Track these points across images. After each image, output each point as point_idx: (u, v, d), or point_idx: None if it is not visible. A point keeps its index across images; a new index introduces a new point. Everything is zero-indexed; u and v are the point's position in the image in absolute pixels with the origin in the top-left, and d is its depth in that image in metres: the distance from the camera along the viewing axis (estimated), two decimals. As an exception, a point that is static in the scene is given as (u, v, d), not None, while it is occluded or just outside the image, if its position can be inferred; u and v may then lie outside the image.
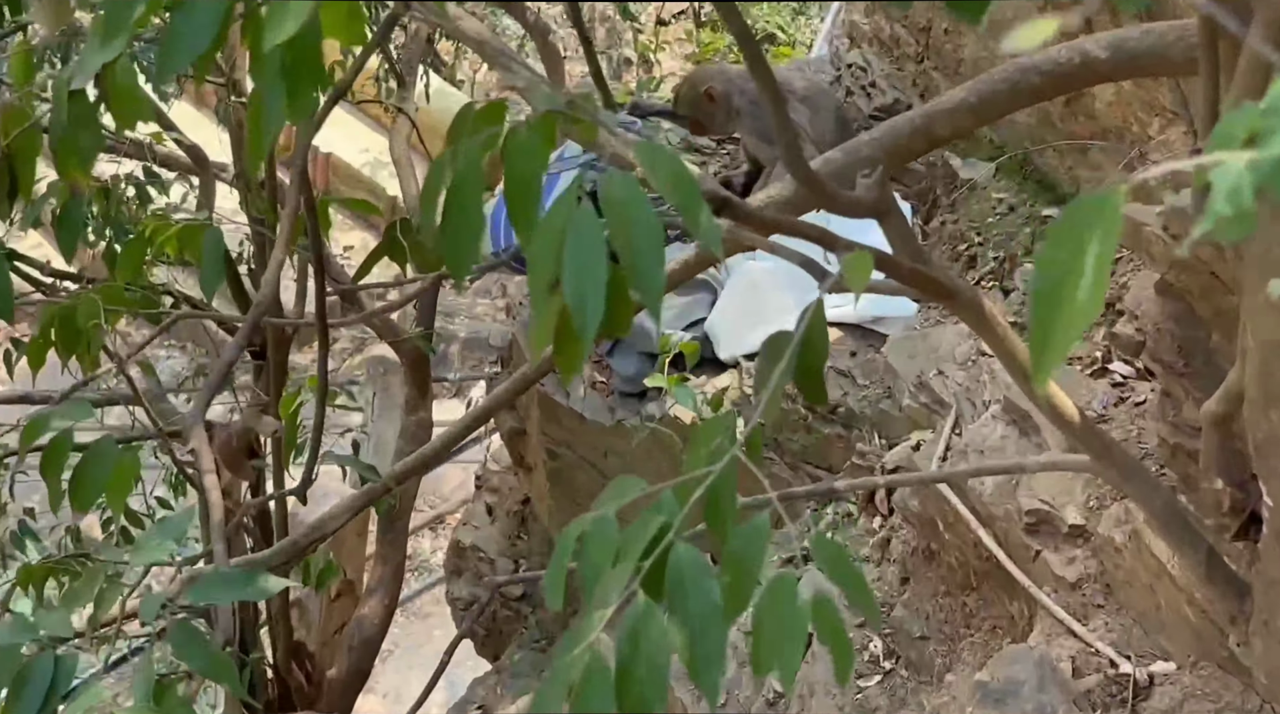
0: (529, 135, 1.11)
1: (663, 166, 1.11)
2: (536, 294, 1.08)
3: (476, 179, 1.11)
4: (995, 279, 4.21)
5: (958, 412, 3.59)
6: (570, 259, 1.05)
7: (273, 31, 0.94)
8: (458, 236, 1.11)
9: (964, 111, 2.00)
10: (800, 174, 1.35)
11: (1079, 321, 0.76)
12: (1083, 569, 2.97)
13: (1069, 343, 0.77)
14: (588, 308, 1.04)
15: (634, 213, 1.07)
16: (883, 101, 4.91)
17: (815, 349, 1.24)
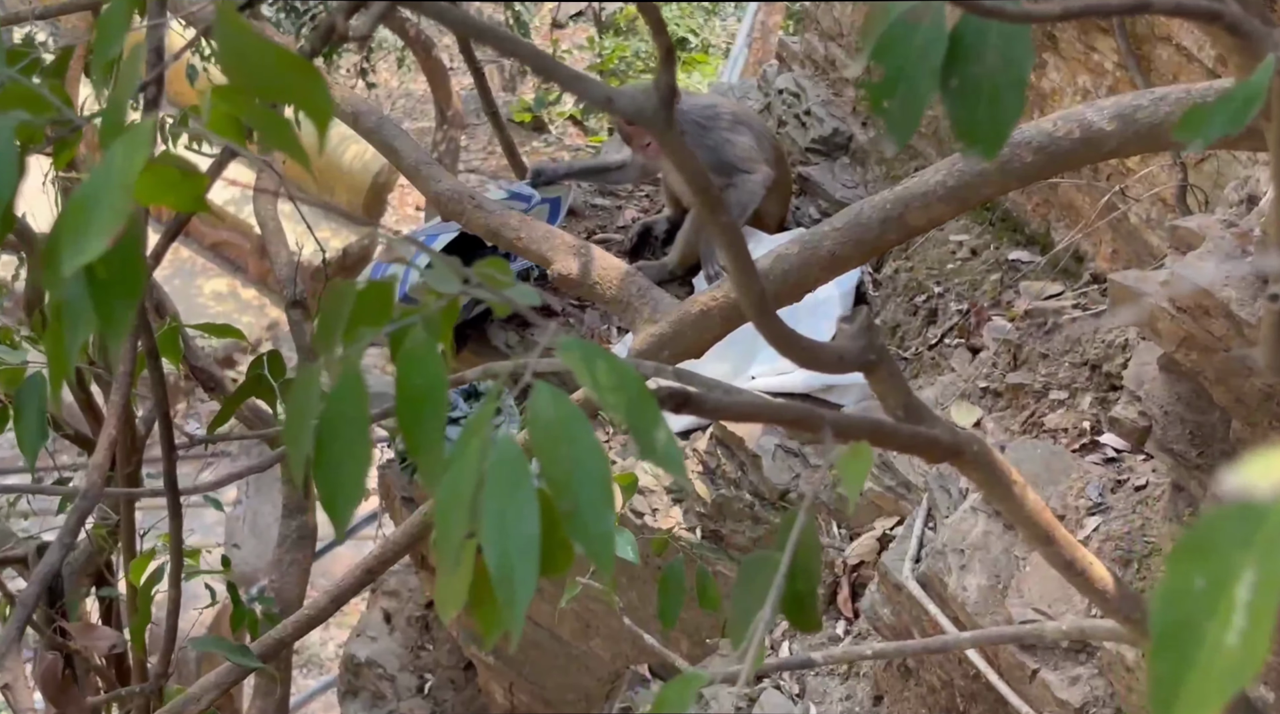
0: (427, 339, 0.94)
1: (603, 368, 0.94)
2: (444, 550, 0.91)
3: (358, 401, 0.93)
4: (960, 336, 4.10)
5: (930, 501, 3.45)
6: (491, 511, 0.88)
7: (72, 254, 0.77)
8: (337, 475, 0.93)
9: (941, 196, 1.87)
10: (771, 329, 1.19)
11: (1227, 680, 0.60)
12: (1088, 691, 2.85)
13: (1209, 707, 0.61)
14: (516, 579, 0.87)
15: (572, 441, 0.91)
16: (820, 132, 4.80)
17: (807, 574, 1.08)
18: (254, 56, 0.82)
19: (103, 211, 0.78)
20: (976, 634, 1.87)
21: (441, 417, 0.95)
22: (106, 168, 0.79)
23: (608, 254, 2.21)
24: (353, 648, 5.26)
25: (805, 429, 1.14)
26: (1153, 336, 2.58)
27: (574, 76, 1.06)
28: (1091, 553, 2.90)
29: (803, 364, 1.26)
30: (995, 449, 1.41)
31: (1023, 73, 0.99)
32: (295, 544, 4.35)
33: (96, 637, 2.01)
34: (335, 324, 1.00)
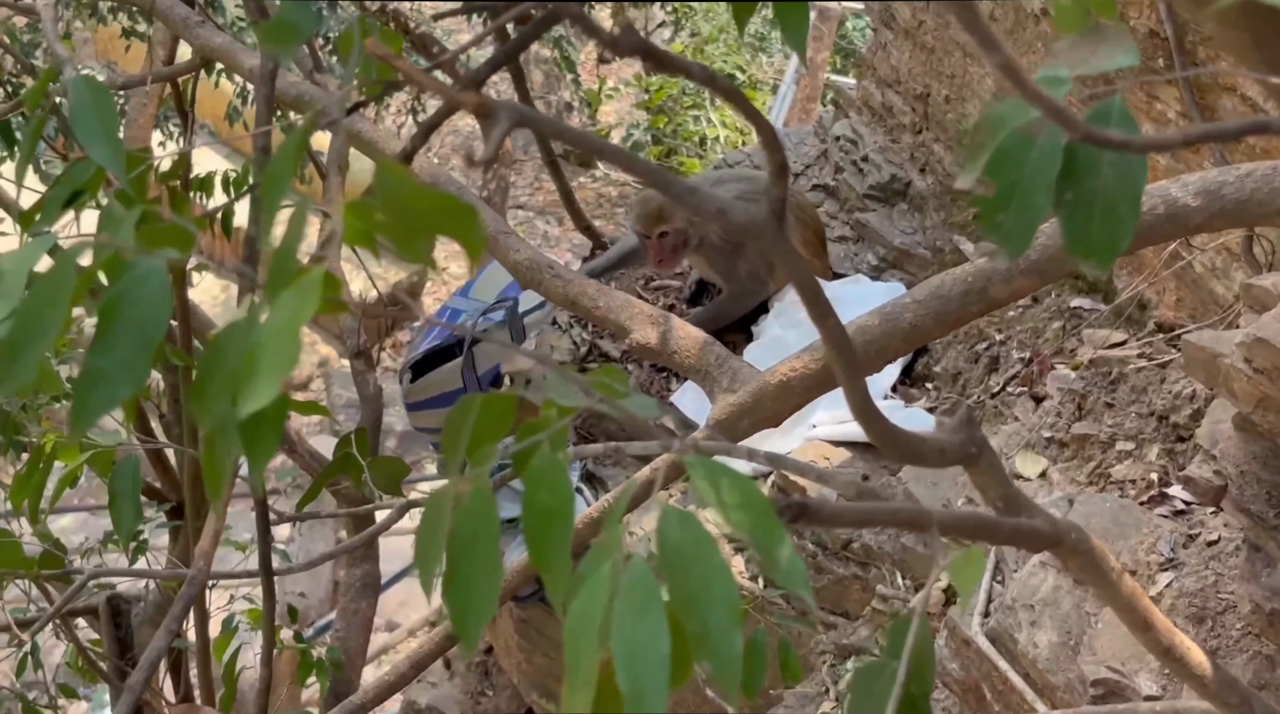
0: (553, 457, 0.96)
1: (727, 486, 0.96)
2: (575, 668, 0.93)
3: (489, 520, 0.95)
4: (1023, 385, 4.09)
5: (998, 553, 3.44)
6: (621, 635, 0.90)
7: (248, 399, 0.79)
8: (468, 593, 0.95)
9: (1024, 270, 1.88)
10: (878, 430, 1.21)
11: None
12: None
13: None
14: (646, 699, 0.89)
15: (701, 562, 0.92)
16: (878, 179, 4.81)
17: (921, 678, 1.09)
18: (413, 202, 0.85)
19: (275, 358, 0.81)
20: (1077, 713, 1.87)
21: (568, 533, 0.97)
22: (278, 316, 0.82)
23: (686, 323, 2.22)
24: (413, 694, 5.28)
25: (914, 529, 1.15)
26: (1228, 396, 2.58)
27: (689, 189, 1.08)
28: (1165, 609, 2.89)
29: (903, 460, 1.27)
30: (1092, 538, 1.42)
31: (1138, 189, 1.00)
32: (360, 593, 4.39)
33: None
34: (460, 435, 1.02)
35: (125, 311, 0.85)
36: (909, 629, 1.09)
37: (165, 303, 0.85)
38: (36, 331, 0.85)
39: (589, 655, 0.91)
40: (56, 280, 0.84)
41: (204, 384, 0.87)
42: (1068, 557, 1.41)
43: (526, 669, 4.84)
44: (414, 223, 0.87)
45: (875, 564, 3.99)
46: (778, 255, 1.11)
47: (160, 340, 0.86)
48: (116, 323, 0.85)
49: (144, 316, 0.85)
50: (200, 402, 0.88)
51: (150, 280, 0.85)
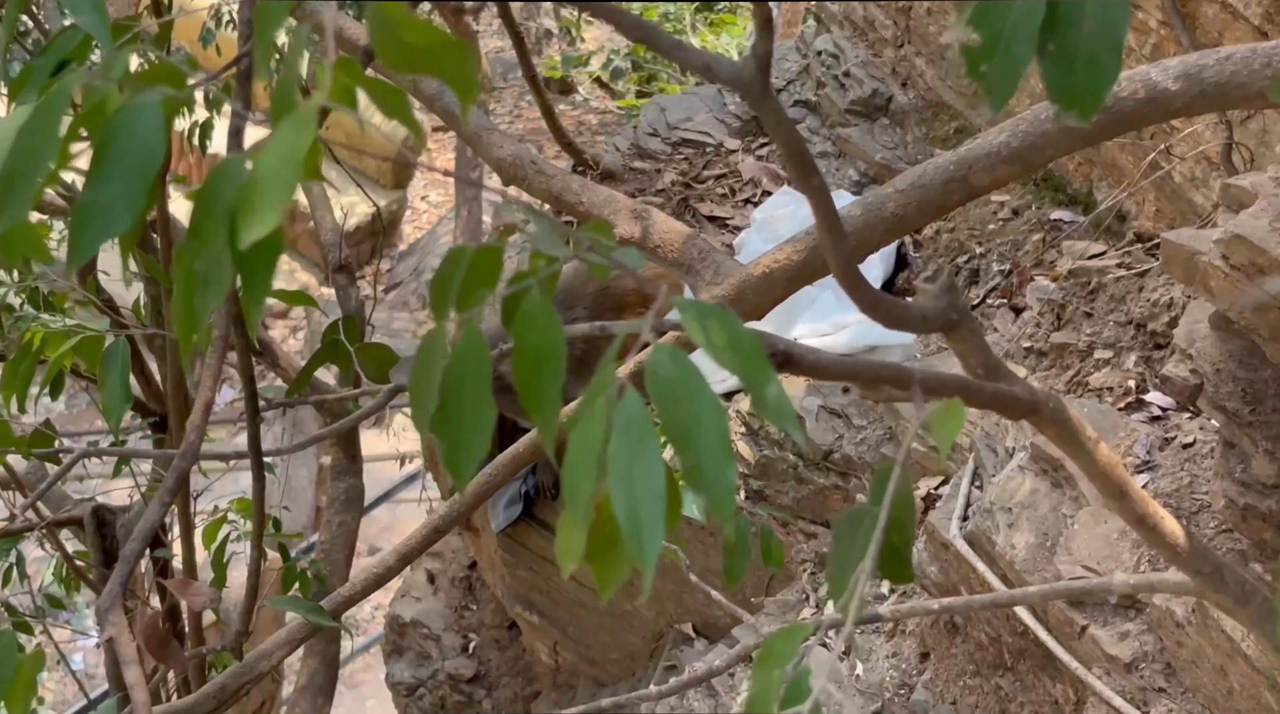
0: (542, 300, 0.97)
1: (717, 327, 0.98)
2: (575, 504, 0.95)
3: (480, 362, 0.97)
4: (1003, 296, 4.12)
5: (975, 460, 3.48)
6: (618, 467, 0.92)
7: (249, 227, 0.81)
8: (460, 437, 0.97)
9: (1005, 157, 1.89)
10: (861, 294, 1.22)
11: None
12: (1138, 647, 2.88)
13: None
14: (644, 531, 0.91)
15: (692, 398, 0.94)
16: (860, 93, 4.80)
17: (902, 528, 1.11)
18: (407, 35, 0.85)
19: (275, 188, 0.82)
20: (1044, 589, 1.90)
21: (559, 376, 0.99)
22: (278, 147, 0.83)
23: (669, 218, 2.23)
24: (397, 608, 5.33)
25: (897, 386, 1.17)
26: (1205, 294, 2.60)
27: (675, 44, 1.09)
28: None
29: (887, 324, 1.29)
30: (1071, 406, 1.44)
31: (1120, 36, 1.01)
32: (344, 506, 4.41)
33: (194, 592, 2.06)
34: (451, 288, 1.03)
35: (121, 145, 0.86)
36: (890, 478, 1.12)
37: (161, 135, 0.86)
38: (30, 161, 0.86)
39: (586, 488, 0.93)
40: (49, 109, 0.85)
41: (201, 220, 0.88)
42: (1045, 426, 1.44)
43: (510, 583, 4.89)
44: (407, 59, 0.88)
45: (855, 474, 4.03)
46: (762, 112, 1.12)
47: (158, 172, 0.87)
48: (112, 156, 0.86)
49: (140, 149, 0.86)
50: (196, 238, 0.89)
51: (145, 113, 0.85)
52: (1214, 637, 2.67)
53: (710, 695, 3.94)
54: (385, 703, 7.25)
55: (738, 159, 5.09)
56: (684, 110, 5.27)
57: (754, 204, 4.91)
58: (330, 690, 4.50)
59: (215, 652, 2.32)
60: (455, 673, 5.11)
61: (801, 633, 1.06)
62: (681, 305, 0.97)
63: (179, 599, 1.99)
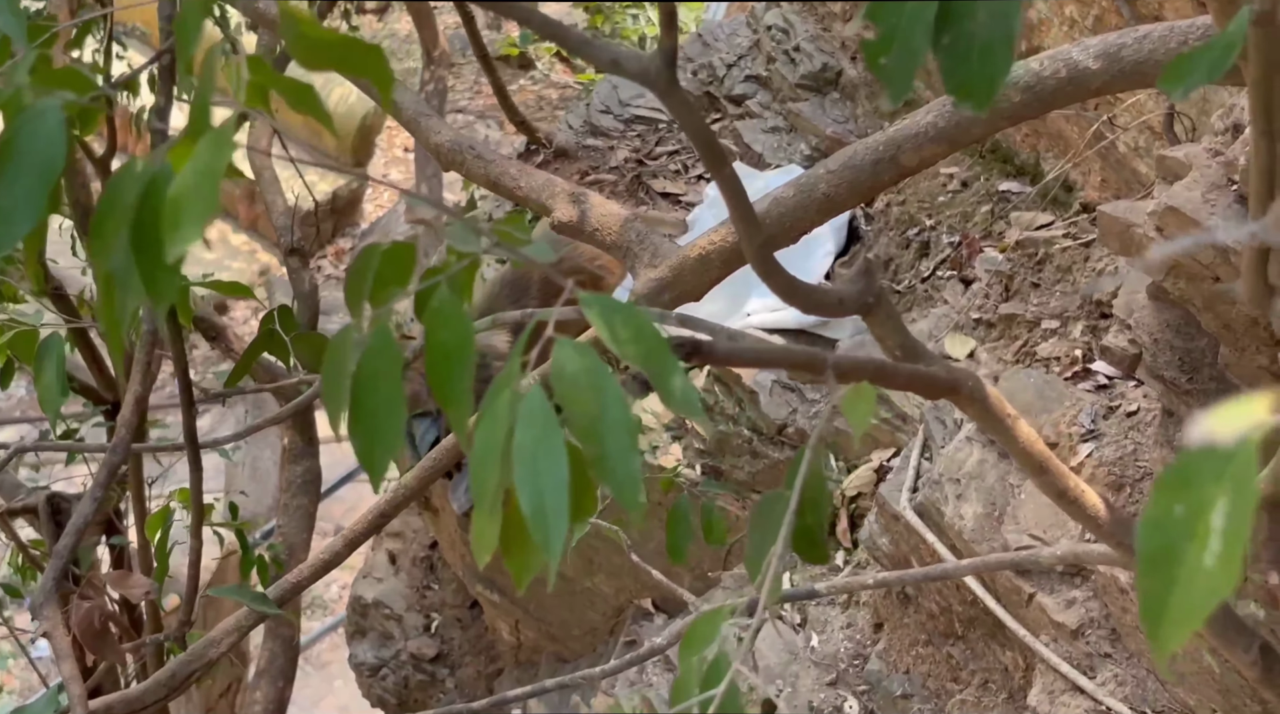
0: (452, 297, 1.00)
1: (620, 322, 1.00)
2: (481, 497, 0.97)
3: (391, 358, 0.99)
4: (953, 268, 4.15)
5: (925, 432, 3.52)
6: (522, 460, 0.94)
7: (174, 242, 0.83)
8: (373, 433, 0.99)
9: (932, 137, 1.92)
10: (776, 279, 1.25)
11: (1207, 596, 0.67)
12: (1084, 614, 2.93)
13: (1192, 621, 0.67)
14: (549, 521, 0.93)
15: (596, 390, 0.97)
16: (810, 68, 4.82)
17: (814, 508, 1.14)
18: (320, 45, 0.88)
19: (197, 202, 0.84)
20: (975, 561, 1.94)
21: (469, 371, 1.01)
22: (197, 162, 0.85)
23: (606, 201, 2.25)
24: (359, 589, 5.35)
25: (810, 371, 1.20)
26: (1140, 265, 2.64)
27: (582, 40, 1.11)
28: (1085, 479, 2.97)
29: (804, 309, 1.32)
30: (989, 383, 1.47)
31: (1012, 29, 1.04)
32: (301, 489, 4.43)
33: (132, 584, 2.07)
34: (363, 285, 1.05)
35: (22, 149, 0.88)
36: (802, 462, 1.14)
37: (62, 140, 0.87)
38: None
39: (492, 481, 0.96)
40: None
41: (102, 223, 0.90)
42: (965, 404, 1.47)
43: (471, 562, 4.91)
44: (319, 58, 0.90)
45: (809, 447, 4.06)
46: (669, 105, 1.14)
47: (59, 178, 0.89)
48: (14, 161, 0.88)
49: (42, 154, 0.88)
50: (99, 241, 0.91)
51: (47, 118, 0.87)
52: (1156, 602, 2.72)
53: (669, 670, 3.98)
54: (353, 683, 7.28)
55: (690, 135, 5.09)
56: (637, 88, 5.28)
57: (706, 180, 4.93)
58: (290, 673, 4.52)
59: (158, 642, 2.33)
60: (418, 652, 5.14)
61: (721, 616, 1.09)
62: (585, 300, 0.99)
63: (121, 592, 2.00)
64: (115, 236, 0.91)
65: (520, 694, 2.17)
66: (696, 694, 1.04)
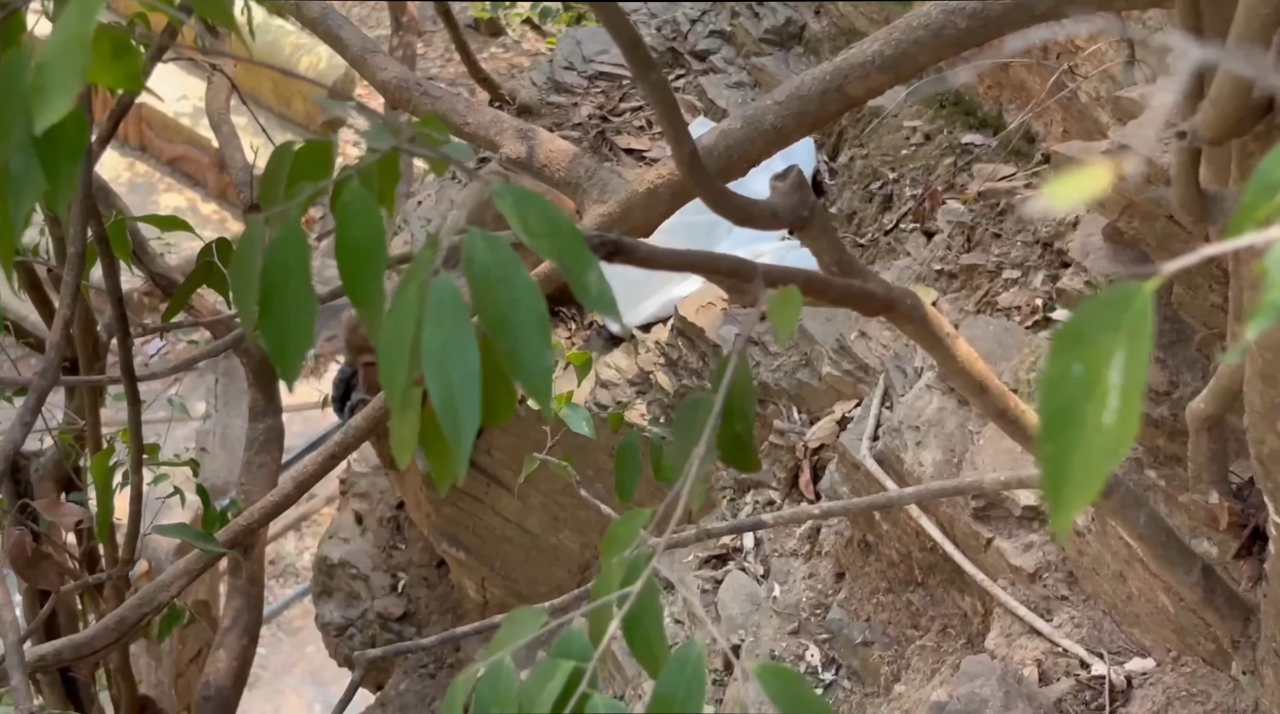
0: (364, 192, 0.98)
1: (534, 215, 0.98)
2: (392, 393, 0.96)
3: (299, 250, 0.97)
4: (915, 220, 4.14)
5: (886, 381, 3.52)
6: (430, 350, 0.92)
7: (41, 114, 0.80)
8: (283, 324, 0.97)
9: (879, 66, 1.89)
10: (706, 188, 1.23)
11: (1106, 456, 0.65)
12: (1041, 557, 2.93)
13: (1094, 482, 0.66)
14: (459, 414, 0.91)
15: (508, 282, 0.95)
16: (773, 22, 4.80)
17: (741, 415, 1.13)
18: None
19: (65, 72, 0.81)
20: (919, 490, 1.93)
21: (380, 266, 0.99)
22: (63, 30, 0.82)
23: (555, 137, 2.23)
24: (325, 550, 5.33)
25: (739, 278, 1.18)
26: (1096, 207, 2.64)
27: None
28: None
29: (738, 222, 1.30)
30: (927, 304, 1.46)
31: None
32: (263, 446, 4.40)
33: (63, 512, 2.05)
34: (277, 181, 1.03)
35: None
36: (728, 367, 1.13)
37: None
38: None
39: (401, 375, 0.94)
40: None
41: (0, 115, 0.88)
42: (903, 322, 1.46)
43: (436, 521, 4.90)
44: None
45: (772, 401, 4.06)
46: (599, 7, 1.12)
47: None
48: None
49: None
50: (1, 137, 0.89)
51: None
52: (1113, 544, 2.72)
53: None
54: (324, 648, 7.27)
55: (654, 91, 5.07)
56: (600, 44, 5.25)
57: (671, 136, 4.90)
58: (255, 630, 4.50)
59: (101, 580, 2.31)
60: (385, 612, 5.13)
61: (640, 518, 1.08)
62: (498, 191, 0.98)
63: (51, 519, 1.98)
64: (12, 127, 0.89)
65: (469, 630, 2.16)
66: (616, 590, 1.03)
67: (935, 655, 3.17)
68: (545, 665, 0.98)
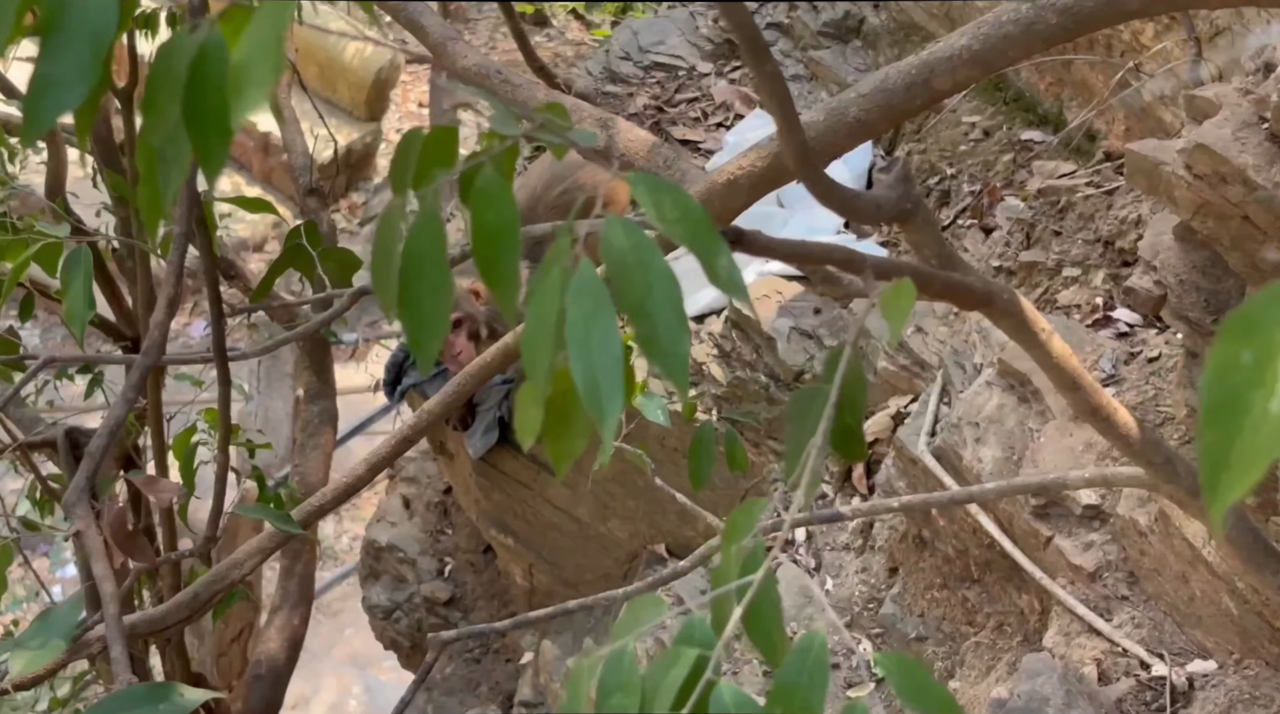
0: (497, 177, 0.99)
1: (668, 201, 1.00)
2: (533, 374, 0.97)
3: (438, 238, 0.99)
4: (974, 217, 4.14)
5: (944, 377, 3.52)
6: (575, 337, 0.93)
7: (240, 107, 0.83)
8: (421, 315, 0.98)
9: (966, 60, 1.89)
10: (817, 183, 1.24)
11: (1270, 445, 0.66)
12: (1101, 557, 2.93)
13: (1255, 470, 0.67)
14: (604, 395, 0.93)
15: (645, 268, 0.96)
16: (832, 16, 4.80)
17: (854, 407, 1.14)
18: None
19: (262, 68, 0.84)
20: (1002, 485, 1.94)
21: (515, 250, 1.00)
22: (259, 28, 0.85)
23: (633, 126, 2.24)
24: (373, 533, 5.36)
25: (849, 270, 1.19)
26: (1169, 205, 2.63)
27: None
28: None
29: (841, 213, 1.31)
30: (1023, 299, 1.47)
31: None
32: (318, 428, 4.43)
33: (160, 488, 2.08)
34: (407, 166, 1.05)
35: (73, 17, 0.87)
36: (841, 358, 1.14)
37: (114, 8, 0.87)
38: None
39: (544, 358, 0.95)
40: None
41: (154, 94, 0.90)
42: (999, 317, 1.46)
43: (485, 506, 4.92)
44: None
45: (826, 393, 4.06)
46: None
47: (111, 48, 0.88)
48: (64, 27, 0.87)
49: (94, 22, 0.87)
50: (151, 115, 0.91)
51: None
52: (1176, 545, 2.72)
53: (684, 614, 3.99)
54: (363, 631, 7.30)
55: (710, 83, 5.08)
56: (656, 34, 5.26)
57: (726, 128, 4.91)
58: (306, 608, 4.54)
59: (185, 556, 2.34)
60: (431, 596, 5.16)
61: (759, 506, 1.09)
62: (634, 179, 0.99)
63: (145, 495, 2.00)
64: (167, 109, 0.91)
65: (542, 615, 2.18)
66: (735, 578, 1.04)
67: (990, 653, 3.17)
68: (669, 654, 0.99)
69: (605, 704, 0.97)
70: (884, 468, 3.57)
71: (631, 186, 0.99)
